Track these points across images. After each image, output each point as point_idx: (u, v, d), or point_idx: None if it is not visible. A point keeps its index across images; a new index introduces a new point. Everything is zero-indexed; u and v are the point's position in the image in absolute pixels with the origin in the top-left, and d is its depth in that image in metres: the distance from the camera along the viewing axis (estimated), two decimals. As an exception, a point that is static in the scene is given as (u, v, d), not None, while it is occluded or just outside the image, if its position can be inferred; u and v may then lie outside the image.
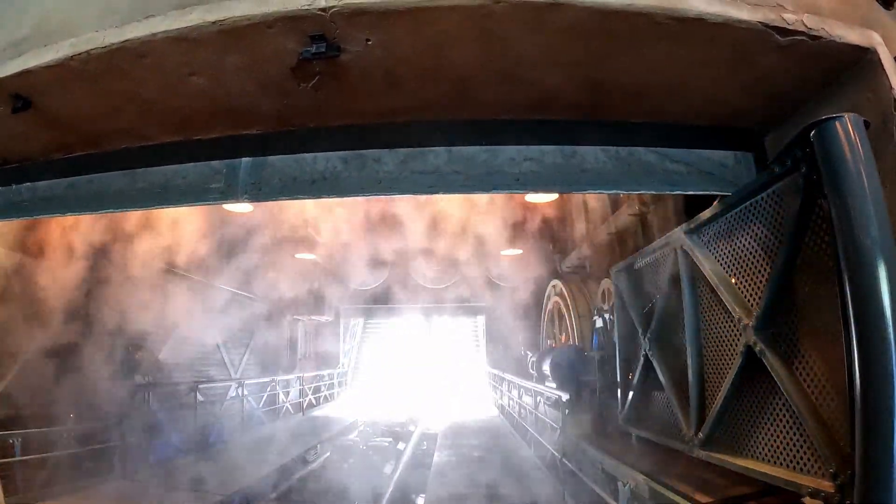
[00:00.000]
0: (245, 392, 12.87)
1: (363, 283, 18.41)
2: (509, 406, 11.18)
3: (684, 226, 4.19)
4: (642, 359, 4.77)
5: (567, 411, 5.91)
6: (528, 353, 16.78)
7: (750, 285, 3.56)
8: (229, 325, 12.94)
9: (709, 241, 3.99)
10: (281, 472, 7.20)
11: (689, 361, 4.10)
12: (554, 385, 8.55)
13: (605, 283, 10.74)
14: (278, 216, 13.60)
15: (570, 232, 17.48)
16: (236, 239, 12.32)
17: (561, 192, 3.56)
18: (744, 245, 3.64)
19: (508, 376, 11.14)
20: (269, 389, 12.76)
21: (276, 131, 3.58)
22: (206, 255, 11.22)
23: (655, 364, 4.55)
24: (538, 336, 15.39)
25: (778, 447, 3.12)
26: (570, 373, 7.75)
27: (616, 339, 5.54)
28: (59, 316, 6.92)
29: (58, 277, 6.99)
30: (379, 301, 18.44)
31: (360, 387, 19.51)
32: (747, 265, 3.59)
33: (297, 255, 13.14)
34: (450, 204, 19.24)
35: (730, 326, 3.70)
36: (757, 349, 3.34)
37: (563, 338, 12.84)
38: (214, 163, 3.95)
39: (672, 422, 4.34)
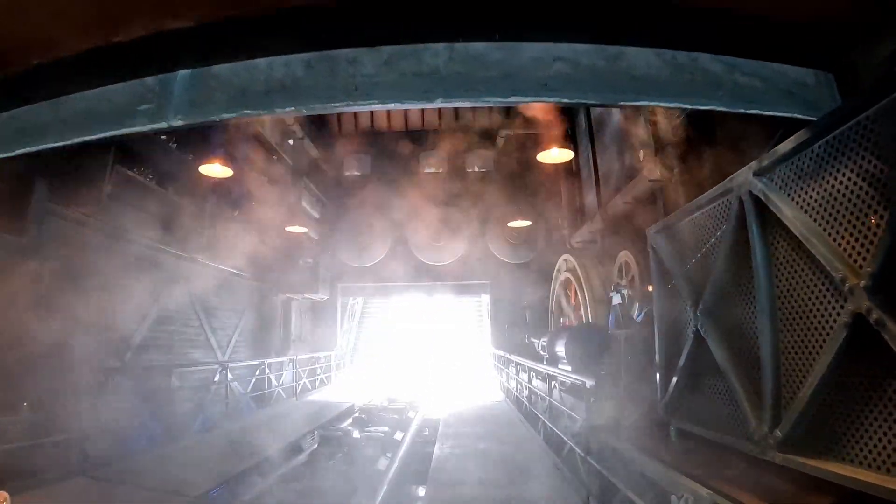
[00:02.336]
0: (230, 376, 12.07)
1: (360, 259, 17.52)
2: (517, 390, 10.32)
3: (753, 164, 3.25)
4: (691, 336, 3.85)
5: (592, 400, 4.99)
6: (532, 337, 15.93)
7: (853, 236, 2.65)
8: (215, 305, 12.08)
9: (789, 183, 3.06)
10: (253, 472, 6.33)
11: (762, 339, 3.18)
12: (568, 367, 7.67)
13: (623, 256, 9.79)
14: (265, 186, 12.65)
15: (581, 203, 16.50)
16: (222, 210, 11.39)
17: (603, 103, 2.60)
18: (841, 185, 2.71)
19: (516, 358, 10.27)
20: (258, 373, 11.93)
21: (219, 20, 2.64)
22: (187, 228, 10.34)
23: (711, 343, 3.63)
24: (546, 316, 14.48)
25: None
26: (591, 354, 6.85)
27: (654, 315, 4.63)
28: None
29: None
30: (379, 279, 17.55)
31: (359, 369, 18.73)
32: (847, 211, 2.68)
33: (289, 228, 12.21)
34: (453, 175, 18.25)
35: (825, 291, 2.79)
36: (872, 318, 2.43)
37: (575, 316, 11.95)
38: (148, 80, 3.07)
39: (733, 415, 3.44)
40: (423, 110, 18.61)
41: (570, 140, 17.06)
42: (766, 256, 3.19)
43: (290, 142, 15.87)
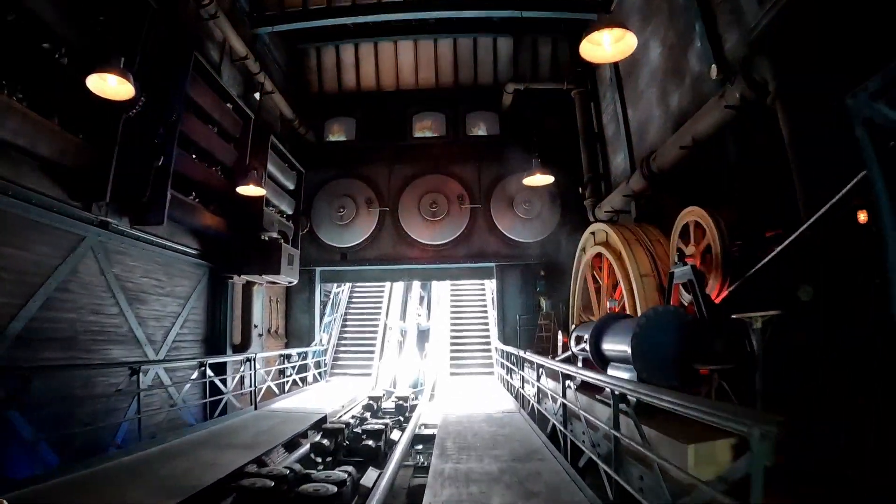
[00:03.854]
0: (167, 380, 9.37)
1: (342, 238, 14.80)
2: (536, 400, 7.61)
3: None
4: None
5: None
6: (542, 331, 13.33)
7: None
8: (145, 289, 9.37)
9: None
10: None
11: None
12: (625, 374, 4.97)
13: (690, 215, 7.06)
14: (213, 137, 9.81)
15: (605, 168, 13.79)
16: (147, 160, 8.64)
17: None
18: None
19: (537, 358, 7.55)
20: (201, 376, 9.23)
21: None
22: (94, 179, 7.65)
23: None
24: (569, 304, 11.77)
25: None
26: (679, 355, 4.19)
27: None
28: None
29: None
30: (364, 262, 14.83)
31: (342, 368, 16.05)
32: None
33: (240, 189, 9.48)
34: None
35: None
36: None
37: (610, 302, 9.25)
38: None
39: None
40: (416, 66, 15.86)
41: (589, 98, 14.38)
42: None
43: (257, 96, 13.14)
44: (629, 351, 4.59)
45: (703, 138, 7.73)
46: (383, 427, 7.21)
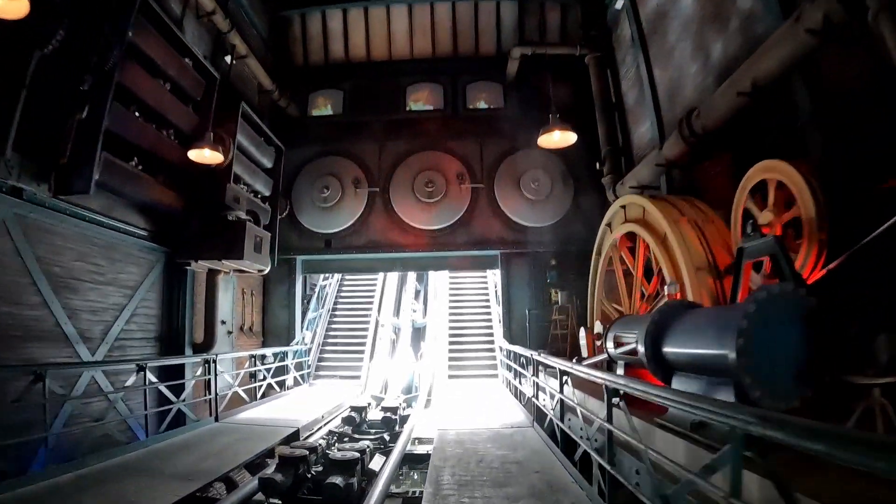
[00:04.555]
0: (108, 385, 7.73)
1: (326, 222, 13.14)
2: (558, 416, 5.96)
3: None
4: None
5: None
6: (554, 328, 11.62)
7: None
8: (78, 275, 7.73)
9: None
10: None
11: None
12: (718, 392, 3.33)
13: (763, 174, 5.40)
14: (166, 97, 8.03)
15: (626, 140, 12.15)
16: (71, 115, 6.98)
17: None
18: None
19: (560, 363, 5.90)
20: (141, 381, 7.56)
21: None
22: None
23: None
24: (588, 294, 10.12)
25: None
26: (811, 361, 2.58)
27: None
28: None
29: None
30: (353, 249, 13.18)
31: (328, 370, 14.39)
32: None
33: (192, 154, 7.83)
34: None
35: None
36: None
37: (649, 290, 7.60)
38: None
39: None
40: (411, 35, 14.20)
41: (605, 65, 12.74)
42: None
43: (228, 58, 11.48)
44: (728, 355, 2.96)
45: (766, 81, 6.07)
46: (359, 455, 5.53)
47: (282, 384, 11.96)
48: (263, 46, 13.57)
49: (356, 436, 8.41)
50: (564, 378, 5.75)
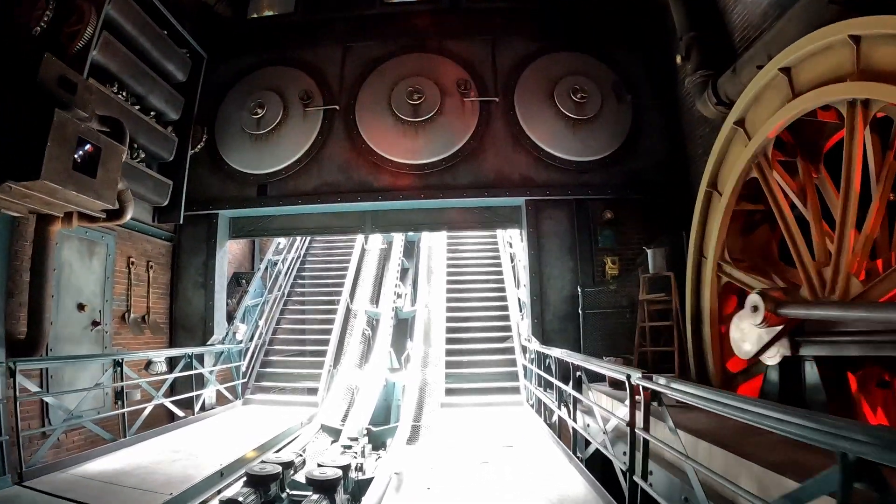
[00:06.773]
0: None
1: (262, 158, 8.80)
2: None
3: None
4: None
5: None
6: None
7: None
8: None
9: None
10: None
11: None
12: None
13: None
14: None
15: (719, 17, 7.58)
16: None
17: None
18: None
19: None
20: None
21: None
22: None
23: None
24: (686, 254, 5.77)
25: None
26: None
27: None
28: None
29: None
30: (298, 198, 8.89)
31: (274, 378, 10.13)
32: None
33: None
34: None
35: None
36: None
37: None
38: None
39: None
40: None
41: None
42: None
43: None
44: None
45: None
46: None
47: (189, 403, 7.73)
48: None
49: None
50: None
